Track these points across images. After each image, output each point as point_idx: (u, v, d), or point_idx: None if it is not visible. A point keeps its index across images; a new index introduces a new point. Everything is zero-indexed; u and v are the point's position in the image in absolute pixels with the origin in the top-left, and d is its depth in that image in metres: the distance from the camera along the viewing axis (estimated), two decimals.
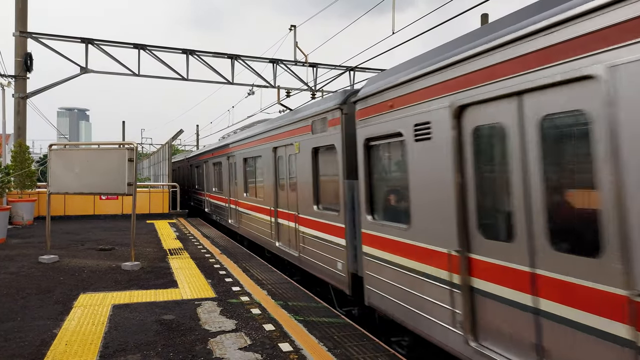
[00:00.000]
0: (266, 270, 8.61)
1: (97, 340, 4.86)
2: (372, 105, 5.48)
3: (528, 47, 3.26)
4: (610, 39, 2.69)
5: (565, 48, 2.97)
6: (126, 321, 5.50)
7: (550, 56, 3.08)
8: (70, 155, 9.33)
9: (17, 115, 16.42)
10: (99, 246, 11.10)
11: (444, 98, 4.14)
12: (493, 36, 3.61)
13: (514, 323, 3.47)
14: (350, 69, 20.79)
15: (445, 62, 4.09)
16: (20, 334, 5.01)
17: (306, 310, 6.03)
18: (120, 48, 18.08)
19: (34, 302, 6.28)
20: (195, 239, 12.75)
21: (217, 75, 19.28)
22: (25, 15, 16.51)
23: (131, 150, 8.92)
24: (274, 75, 20.09)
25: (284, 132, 9.01)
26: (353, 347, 4.75)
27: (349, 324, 5.53)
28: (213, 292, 6.90)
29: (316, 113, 7.35)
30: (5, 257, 9.63)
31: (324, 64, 20.79)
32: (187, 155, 27.17)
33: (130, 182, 8.80)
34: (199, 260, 9.57)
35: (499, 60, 3.53)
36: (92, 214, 18.27)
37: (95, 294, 6.74)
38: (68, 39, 17.38)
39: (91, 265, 8.91)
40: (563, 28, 2.99)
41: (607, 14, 2.71)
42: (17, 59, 16.19)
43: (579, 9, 2.86)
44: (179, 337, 4.97)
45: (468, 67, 3.86)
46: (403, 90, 4.79)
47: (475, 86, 3.76)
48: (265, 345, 4.73)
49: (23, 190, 15.45)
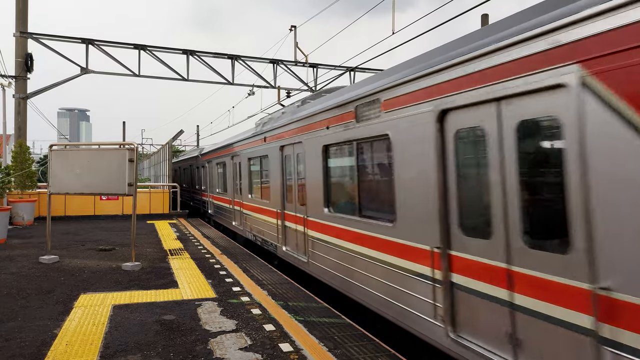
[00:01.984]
0: (266, 270, 8.61)
1: (97, 340, 4.86)
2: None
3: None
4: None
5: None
6: (127, 321, 5.50)
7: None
8: (70, 155, 9.33)
9: (18, 116, 16.45)
10: (100, 246, 11.11)
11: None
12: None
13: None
14: (351, 70, 20.80)
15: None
16: (21, 334, 5.01)
17: (306, 311, 6.03)
18: (121, 48, 18.11)
19: (35, 303, 6.29)
20: (195, 239, 12.76)
21: (218, 75, 19.31)
22: (25, 15, 16.53)
23: (132, 151, 8.92)
24: (274, 75, 20.11)
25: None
26: (353, 347, 4.75)
27: (350, 324, 5.53)
28: (213, 293, 6.90)
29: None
30: (6, 257, 9.64)
31: (324, 65, 20.83)
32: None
33: (131, 183, 8.80)
34: (200, 260, 9.58)
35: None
36: (93, 214, 18.27)
37: (96, 295, 6.75)
38: (68, 40, 17.41)
39: (91, 265, 8.91)
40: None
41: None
42: (17, 60, 16.22)
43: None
44: (179, 337, 4.97)
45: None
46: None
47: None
48: (266, 346, 4.73)
49: (23, 190, 15.47)
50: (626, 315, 2.67)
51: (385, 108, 5.26)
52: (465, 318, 4.03)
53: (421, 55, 4.98)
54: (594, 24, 2.85)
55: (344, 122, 6.34)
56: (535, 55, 3.26)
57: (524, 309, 3.38)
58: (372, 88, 5.53)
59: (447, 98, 4.16)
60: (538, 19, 3.30)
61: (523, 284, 3.40)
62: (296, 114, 8.46)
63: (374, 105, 5.52)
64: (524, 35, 3.33)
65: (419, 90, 4.59)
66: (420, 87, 4.57)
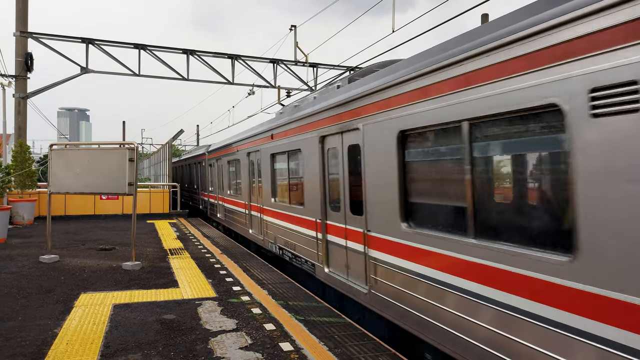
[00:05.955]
0: (267, 270, 8.61)
1: (98, 339, 4.87)
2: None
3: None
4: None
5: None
6: (127, 321, 5.51)
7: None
8: (70, 155, 9.33)
9: (18, 115, 16.45)
10: (100, 246, 11.11)
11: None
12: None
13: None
14: (350, 69, 20.80)
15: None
16: (22, 334, 5.01)
17: (307, 310, 6.04)
18: (121, 48, 18.12)
19: (35, 302, 6.29)
20: (195, 239, 12.76)
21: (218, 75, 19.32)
22: (25, 15, 16.53)
23: (132, 150, 8.93)
24: (274, 75, 20.12)
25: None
26: (354, 346, 4.75)
27: (350, 323, 5.53)
28: (214, 292, 6.91)
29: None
30: (6, 256, 9.64)
31: (324, 64, 20.82)
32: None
33: (131, 182, 8.80)
34: (200, 260, 9.58)
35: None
36: (93, 213, 18.28)
37: (96, 294, 6.75)
38: (69, 39, 17.41)
39: (92, 265, 8.91)
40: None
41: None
42: (17, 59, 16.21)
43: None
44: (179, 336, 4.98)
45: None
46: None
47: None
48: (266, 345, 4.74)
49: (23, 190, 15.47)
50: (374, 242, 5.58)
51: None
52: (332, 259, 6.93)
53: (311, 101, 7.70)
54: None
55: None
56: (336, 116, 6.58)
57: (351, 250, 6.23)
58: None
59: (323, 129, 7.10)
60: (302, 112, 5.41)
61: (350, 235, 6.30)
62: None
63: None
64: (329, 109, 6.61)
65: (310, 123, 7.62)
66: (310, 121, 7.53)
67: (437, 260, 4.37)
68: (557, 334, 3.06)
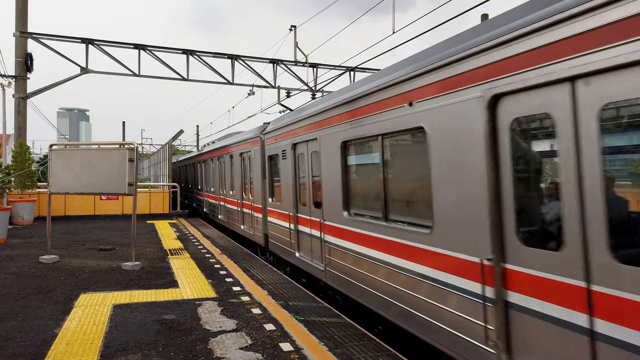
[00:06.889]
0: (266, 270, 8.61)
1: (97, 340, 4.86)
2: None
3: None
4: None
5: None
6: (127, 321, 5.51)
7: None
8: (70, 155, 9.33)
9: (18, 116, 16.45)
10: (100, 246, 11.11)
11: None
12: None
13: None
14: (351, 69, 20.80)
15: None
16: (21, 334, 5.01)
17: (307, 310, 6.04)
18: (121, 48, 18.11)
19: (35, 302, 6.29)
20: (195, 239, 12.76)
21: (217, 75, 19.30)
22: (25, 15, 16.53)
23: (132, 150, 8.92)
24: (274, 75, 20.10)
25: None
26: (354, 346, 4.75)
27: (350, 323, 5.53)
28: (214, 292, 6.90)
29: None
30: (6, 257, 9.64)
31: (324, 64, 20.81)
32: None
33: (131, 182, 8.80)
34: (200, 260, 9.58)
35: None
36: (93, 214, 18.27)
37: (96, 294, 6.75)
38: (68, 39, 17.40)
39: (92, 265, 8.91)
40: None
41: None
42: (17, 59, 16.21)
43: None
44: (179, 336, 4.97)
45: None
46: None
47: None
48: (266, 345, 4.73)
49: (23, 190, 15.47)
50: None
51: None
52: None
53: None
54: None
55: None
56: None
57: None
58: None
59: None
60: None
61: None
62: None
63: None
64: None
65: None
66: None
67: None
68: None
